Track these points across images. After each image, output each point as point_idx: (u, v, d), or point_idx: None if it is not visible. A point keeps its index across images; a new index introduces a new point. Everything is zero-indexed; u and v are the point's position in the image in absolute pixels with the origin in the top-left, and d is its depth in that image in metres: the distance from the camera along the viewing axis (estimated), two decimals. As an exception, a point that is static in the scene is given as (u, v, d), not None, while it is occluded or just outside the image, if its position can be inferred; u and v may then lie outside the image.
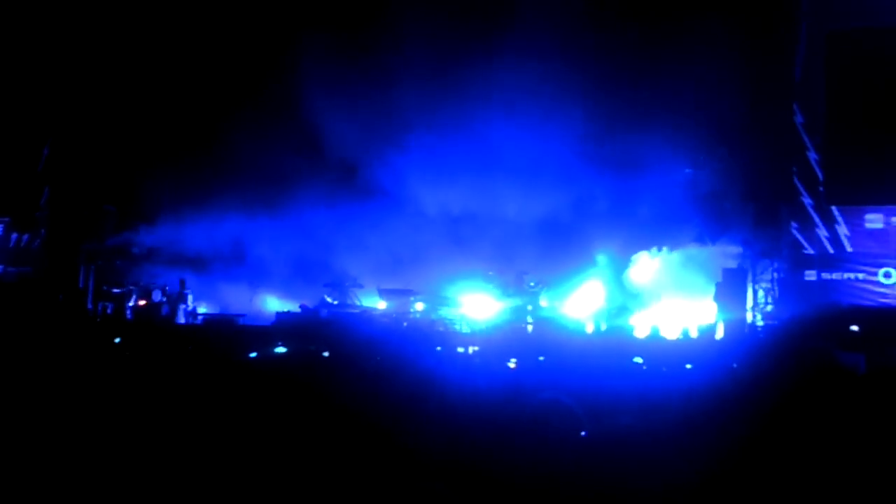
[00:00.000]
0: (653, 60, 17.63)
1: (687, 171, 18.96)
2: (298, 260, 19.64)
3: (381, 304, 19.22)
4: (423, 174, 19.12)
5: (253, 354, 10.82)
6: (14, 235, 20.26)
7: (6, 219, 20.21)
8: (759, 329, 16.66)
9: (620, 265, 18.66)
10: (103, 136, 19.08)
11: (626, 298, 18.42)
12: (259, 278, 19.89)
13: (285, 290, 19.93)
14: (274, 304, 19.75)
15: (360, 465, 4.18)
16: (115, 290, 19.38)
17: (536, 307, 18.64)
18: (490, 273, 19.19)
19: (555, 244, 19.02)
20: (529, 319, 17.59)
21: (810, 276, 18.08)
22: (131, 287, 19.64)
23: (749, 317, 17.23)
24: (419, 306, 19.01)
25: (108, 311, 19.07)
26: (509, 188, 18.98)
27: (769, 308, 17.45)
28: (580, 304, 18.97)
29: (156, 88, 19.23)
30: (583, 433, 3.24)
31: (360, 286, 19.52)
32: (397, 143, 19.21)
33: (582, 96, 18.03)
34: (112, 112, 19.15)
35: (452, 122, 18.61)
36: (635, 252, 18.46)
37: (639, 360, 11.12)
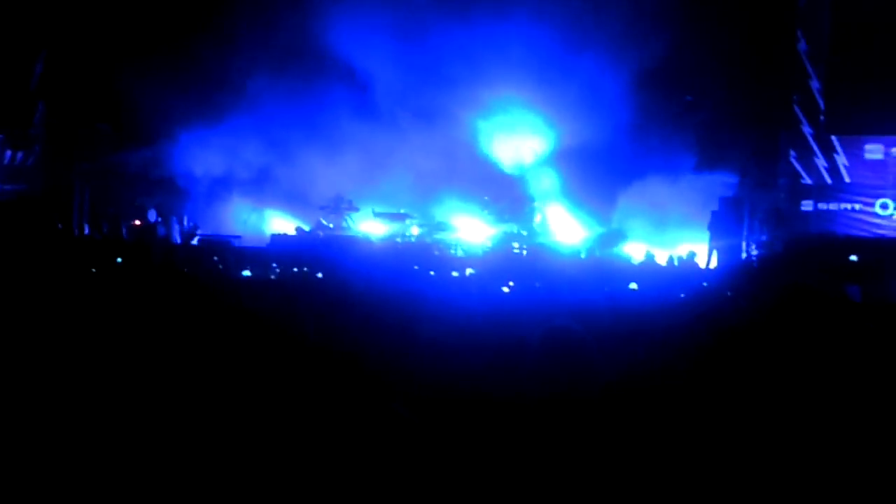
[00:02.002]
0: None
1: (686, 98, 18.77)
2: (293, 182, 19.54)
3: (376, 228, 19.21)
4: (421, 95, 18.87)
5: (246, 273, 10.85)
6: (8, 153, 20.09)
7: (0, 136, 20.03)
8: (754, 258, 16.72)
9: (614, 190, 18.58)
10: (97, 52, 18.75)
11: (619, 225, 18.42)
12: (255, 200, 19.83)
13: (281, 212, 19.90)
14: (269, 226, 19.73)
15: (345, 390, 4.20)
16: (111, 210, 19.32)
17: (531, 232, 18.65)
18: (486, 198, 19.15)
19: (550, 167, 18.95)
20: (517, 246, 17.59)
21: (807, 206, 18.07)
22: (127, 206, 19.59)
23: (744, 246, 17.30)
24: (414, 230, 19.02)
25: (104, 230, 19.02)
26: (504, 108, 18.80)
27: (764, 237, 17.49)
28: (574, 230, 18.99)
29: (151, 4, 18.83)
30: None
31: (356, 209, 19.47)
32: (397, 58, 18.82)
33: (581, 20, 17.72)
34: (106, 27, 18.78)
35: (445, 35, 18.23)
36: (629, 178, 18.36)
37: (634, 286, 11.17)
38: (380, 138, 18.90)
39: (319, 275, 11.70)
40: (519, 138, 19.63)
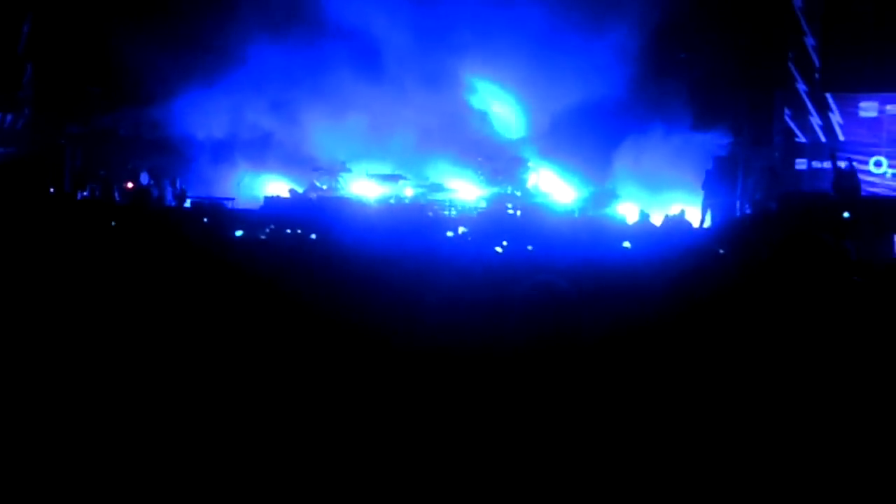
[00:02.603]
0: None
1: (681, 55, 18.64)
2: (287, 144, 19.45)
3: (370, 189, 19.16)
4: (415, 57, 18.73)
5: (239, 233, 10.80)
6: (-2, 115, 19.98)
7: (-12, 98, 19.88)
8: (748, 216, 16.73)
9: (607, 151, 18.50)
10: (86, 12, 18.53)
11: (611, 185, 18.38)
12: (249, 162, 19.74)
13: (275, 175, 19.82)
14: (263, 188, 19.65)
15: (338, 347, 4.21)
16: (102, 172, 19.23)
17: (525, 193, 18.63)
18: (479, 159, 19.10)
19: (543, 128, 18.86)
20: (510, 206, 17.56)
21: (801, 164, 18.06)
22: (119, 169, 19.49)
23: (738, 205, 17.29)
24: (408, 191, 18.98)
25: (97, 193, 18.94)
26: (494, 68, 18.66)
27: (758, 196, 17.48)
28: (567, 190, 18.97)
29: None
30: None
31: (349, 171, 19.41)
32: (393, 20, 18.64)
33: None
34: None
35: None
36: (623, 138, 18.28)
37: (627, 244, 11.15)
38: (375, 100, 18.79)
39: (313, 236, 11.67)
40: (512, 100, 19.55)
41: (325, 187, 19.23)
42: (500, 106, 19.65)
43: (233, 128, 19.34)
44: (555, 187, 19.16)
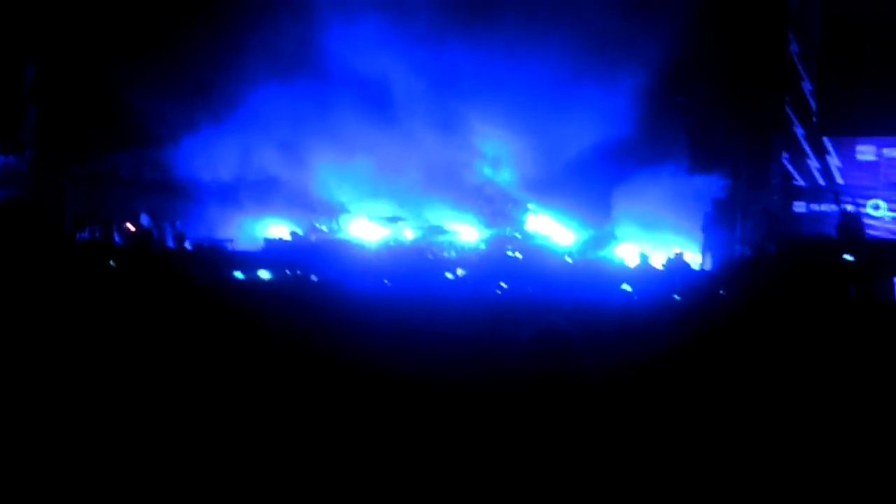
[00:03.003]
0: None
1: (678, 99, 18.79)
2: (287, 185, 19.51)
3: (369, 231, 19.19)
4: (417, 101, 18.88)
5: (239, 275, 10.83)
6: (0, 157, 20.06)
7: (-8, 140, 20.00)
8: (747, 259, 16.74)
9: (606, 193, 18.57)
10: (88, 57, 18.72)
11: (610, 227, 18.42)
12: (247, 204, 19.77)
13: (274, 216, 19.85)
14: (262, 230, 19.68)
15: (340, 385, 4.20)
16: (103, 214, 19.27)
17: (524, 234, 18.67)
18: (479, 202, 19.17)
19: (541, 169, 18.93)
20: (510, 249, 17.58)
21: (799, 207, 18.11)
22: (119, 210, 19.53)
23: (737, 248, 17.31)
24: (408, 233, 19.01)
25: (97, 234, 18.97)
26: (495, 112, 18.79)
27: (757, 239, 17.50)
28: (565, 231, 19.00)
29: (143, 8, 18.77)
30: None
31: (349, 212, 19.46)
32: (396, 65, 18.82)
33: (572, 23, 17.73)
34: (96, 32, 18.74)
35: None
36: (622, 181, 18.35)
37: (627, 287, 11.17)
38: (377, 142, 18.89)
39: (314, 277, 11.69)
40: (512, 143, 19.66)
41: (325, 229, 19.26)
42: (500, 149, 19.75)
43: (234, 169, 19.40)
44: (554, 229, 19.19)
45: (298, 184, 19.41)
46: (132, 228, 19.12)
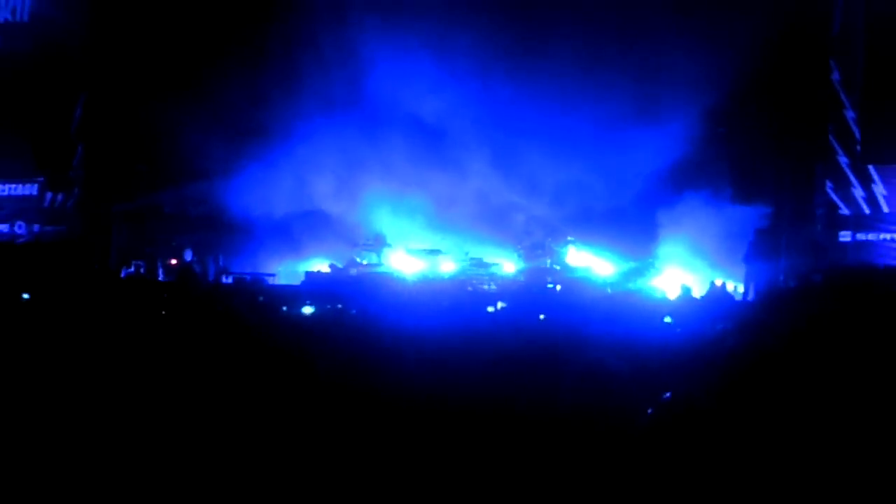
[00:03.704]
0: (683, 11, 17.25)
1: (720, 129, 18.67)
2: (330, 220, 19.67)
3: (409, 264, 19.25)
4: (457, 135, 18.98)
5: (283, 308, 10.89)
6: (48, 195, 20.49)
7: (41, 178, 20.43)
8: (792, 289, 16.47)
9: (647, 224, 18.44)
10: (135, 95, 19.13)
11: (650, 258, 18.28)
12: (288, 238, 19.94)
13: (314, 250, 19.98)
14: (304, 264, 19.82)
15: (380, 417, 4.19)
16: (148, 250, 19.58)
17: (564, 266, 18.58)
18: (520, 235, 19.13)
19: (582, 203, 18.87)
20: (550, 281, 17.49)
21: (845, 237, 17.83)
22: (163, 246, 19.83)
23: (781, 278, 17.06)
24: (448, 266, 19.03)
25: (142, 270, 19.27)
26: (539, 147, 18.78)
27: (802, 269, 17.25)
28: (605, 263, 18.88)
29: (189, 46, 19.14)
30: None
31: (389, 245, 19.54)
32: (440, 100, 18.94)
33: (608, 49, 17.75)
34: (142, 71, 19.16)
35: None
36: (663, 211, 18.23)
37: (668, 319, 11.02)
38: (420, 177, 19.00)
39: (353, 311, 11.71)
40: (553, 174, 19.61)
41: (365, 262, 19.35)
42: (542, 182, 19.72)
43: (278, 204, 19.60)
44: (594, 261, 19.08)
45: (341, 218, 19.57)
46: (175, 263, 19.39)
